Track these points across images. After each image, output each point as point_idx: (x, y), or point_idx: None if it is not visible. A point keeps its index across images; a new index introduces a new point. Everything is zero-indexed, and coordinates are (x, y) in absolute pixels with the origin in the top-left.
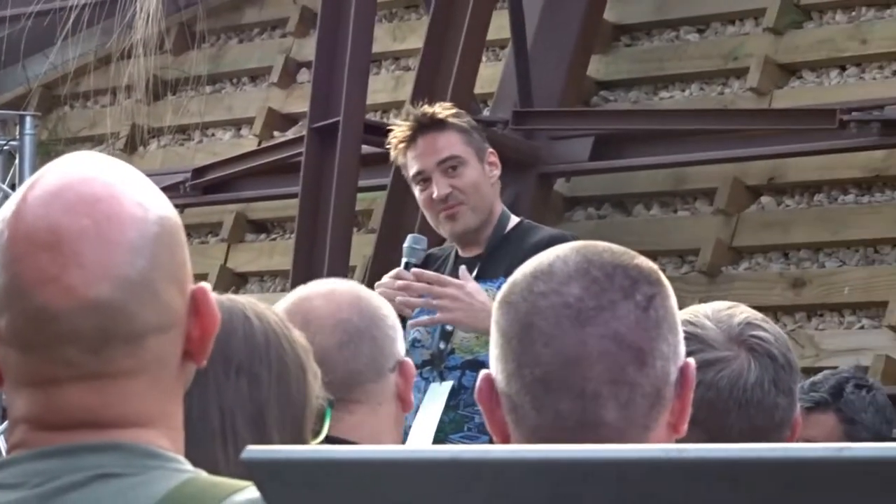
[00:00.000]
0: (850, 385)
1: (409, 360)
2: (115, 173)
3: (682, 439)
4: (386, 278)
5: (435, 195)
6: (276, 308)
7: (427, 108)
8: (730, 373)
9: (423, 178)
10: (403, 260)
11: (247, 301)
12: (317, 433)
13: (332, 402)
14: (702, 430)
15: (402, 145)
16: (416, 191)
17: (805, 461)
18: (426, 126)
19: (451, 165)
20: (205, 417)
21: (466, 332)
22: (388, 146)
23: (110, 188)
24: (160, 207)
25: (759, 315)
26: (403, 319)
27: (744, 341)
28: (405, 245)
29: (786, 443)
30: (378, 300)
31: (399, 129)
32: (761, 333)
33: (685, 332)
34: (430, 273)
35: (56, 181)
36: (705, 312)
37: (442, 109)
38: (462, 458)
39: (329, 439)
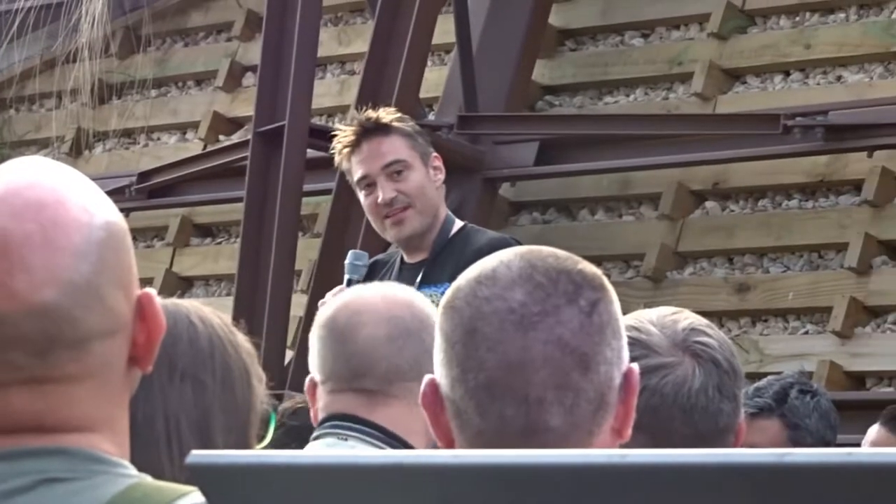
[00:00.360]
0: (794, 390)
1: None
2: (61, 178)
3: (626, 444)
4: (328, 296)
5: (380, 199)
6: (328, 301)
7: (371, 113)
8: (674, 378)
9: (368, 183)
10: (346, 277)
11: (191, 305)
12: (261, 438)
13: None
14: (646, 435)
15: (346, 150)
16: (361, 196)
17: (748, 466)
18: (370, 131)
19: (395, 170)
20: (150, 423)
21: None
22: (332, 151)
23: (56, 193)
24: (106, 212)
25: (703, 321)
26: None
27: (688, 347)
28: (346, 262)
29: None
30: (432, 309)
31: (343, 135)
32: (705, 339)
33: (629, 337)
34: None
35: (2, 186)
36: (650, 318)
37: (386, 114)
38: (406, 463)
39: (362, 422)
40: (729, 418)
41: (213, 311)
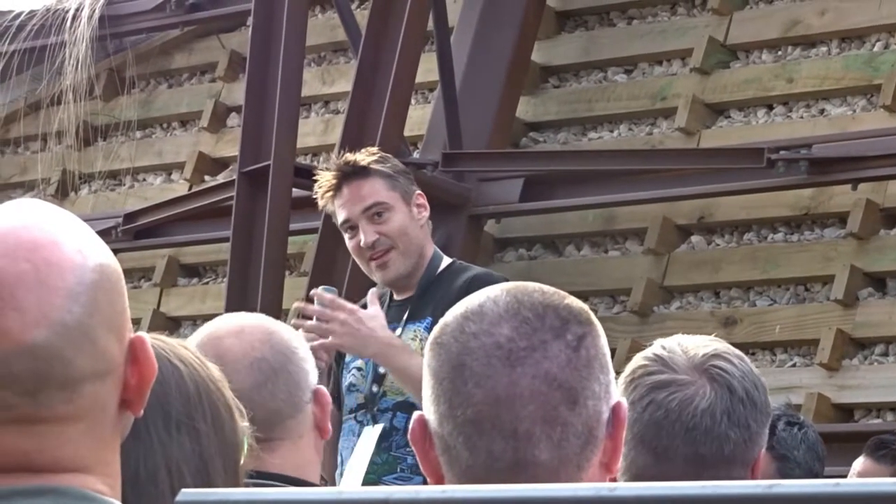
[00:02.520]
0: (781, 422)
1: (322, 388)
2: (56, 220)
3: (628, 457)
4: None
5: (362, 243)
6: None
7: (349, 156)
8: (682, 396)
9: (351, 226)
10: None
11: (164, 345)
12: None
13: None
14: (647, 450)
15: (328, 194)
16: (346, 238)
17: (736, 498)
18: (350, 174)
19: (376, 212)
20: (154, 480)
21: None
22: (314, 195)
23: (51, 234)
24: (101, 255)
25: (735, 351)
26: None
27: (705, 370)
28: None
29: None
30: (288, 333)
31: (324, 179)
32: (726, 365)
33: (653, 354)
34: (328, 296)
35: None
36: (681, 340)
37: (366, 155)
38: (394, 500)
39: (258, 475)
40: (737, 447)
41: (180, 344)
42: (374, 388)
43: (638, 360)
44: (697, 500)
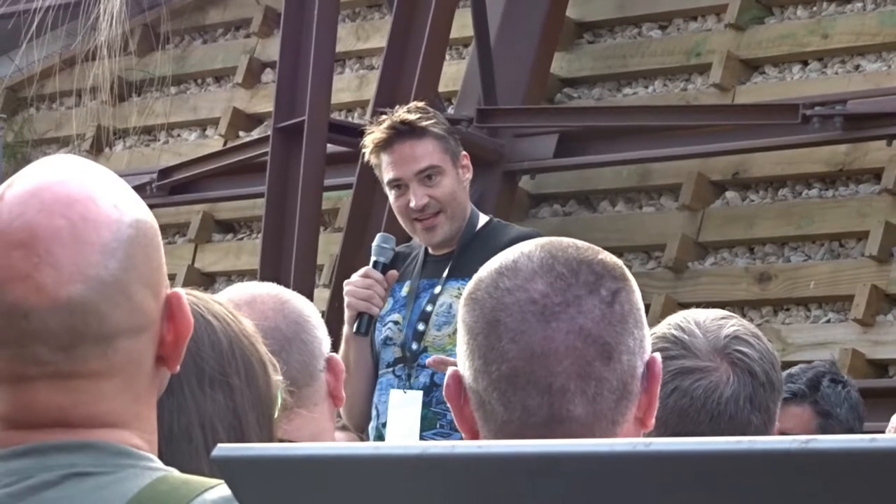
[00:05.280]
0: (826, 379)
1: (335, 356)
2: (92, 176)
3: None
4: (355, 276)
5: (412, 205)
6: None
7: (406, 115)
8: (706, 384)
9: (399, 185)
10: (372, 258)
11: (196, 300)
12: None
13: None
14: (671, 436)
15: (377, 148)
16: (391, 195)
17: (772, 453)
18: (404, 133)
19: (428, 174)
20: (188, 436)
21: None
22: (362, 147)
23: (87, 189)
24: (137, 210)
25: (751, 329)
26: (370, 317)
27: (727, 354)
28: (374, 244)
29: None
30: (300, 302)
31: (375, 133)
32: (746, 350)
33: (673, 336)
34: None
35: (34, 182)
36: (697, 319)
37: (420, 114)
38: (430, 454)
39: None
40: (757, 431)
41: (212, 299)
42: (415, 346)
43: (656, 341)
44: (733, 456)
